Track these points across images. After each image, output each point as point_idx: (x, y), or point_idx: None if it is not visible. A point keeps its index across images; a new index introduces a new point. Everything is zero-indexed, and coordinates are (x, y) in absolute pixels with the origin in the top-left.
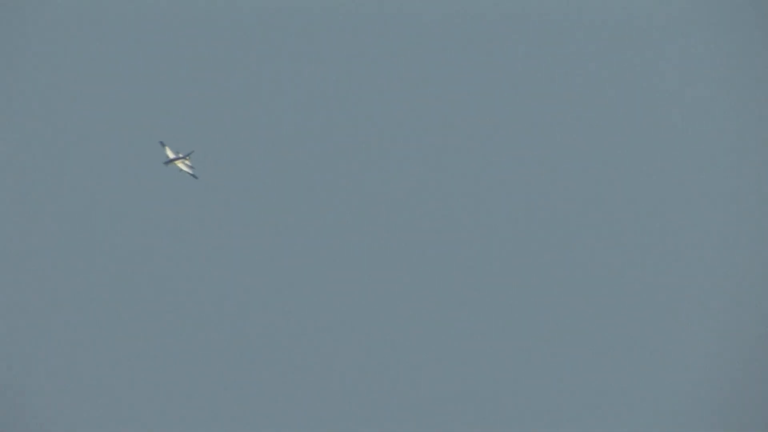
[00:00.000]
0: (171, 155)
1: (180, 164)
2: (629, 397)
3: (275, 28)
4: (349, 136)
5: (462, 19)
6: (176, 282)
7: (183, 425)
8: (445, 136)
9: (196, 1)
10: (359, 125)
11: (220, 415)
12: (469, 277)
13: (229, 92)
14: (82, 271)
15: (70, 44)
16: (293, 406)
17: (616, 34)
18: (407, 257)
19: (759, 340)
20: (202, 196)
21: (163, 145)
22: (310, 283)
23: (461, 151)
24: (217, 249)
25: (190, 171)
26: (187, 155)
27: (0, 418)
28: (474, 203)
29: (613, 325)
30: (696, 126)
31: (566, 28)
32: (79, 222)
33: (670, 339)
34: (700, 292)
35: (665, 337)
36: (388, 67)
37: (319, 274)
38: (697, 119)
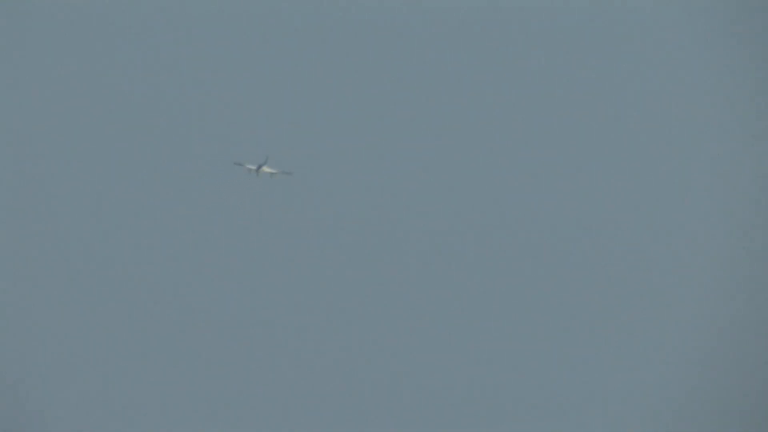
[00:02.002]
0: (253, 167)
1: (266, 169)
2: (626, 397)
3: (279, 27)
4: (352, 136)
5: (462, 18)
6: (179, 282)
7: (187, 425)
8: (447, 137)
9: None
10: (362, 124)
11: (221, 415)
12: (468, 277)
13: (234, 91)
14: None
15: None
16: (294, 407)
17: (615, 34)
18: (406, 258)
19: (756, 340)
20: (197, 195)
21: (240, 164)
22: (314, 284)
23: (462, 151)
24: (212, 247)
25: (280, 171)
26: (265, 162)
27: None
28: (474, 203)
29: (611, 324)
30: (695, 126)
31: (566, 28)
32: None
33: (668, 339)
34: (699, 293)
35: (664, 338)
36: (389, 67)
37: (319, 273)
38: (696, 119)
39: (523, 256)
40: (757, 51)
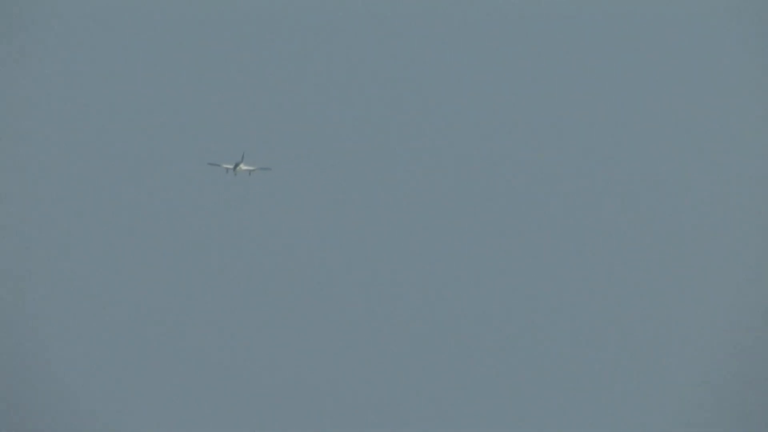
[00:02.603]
0: (229, 166)
1: (243, 167)
2: (628, 400)
3: (279, 26)
4: (350, 137)
5: (462, 18)
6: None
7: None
8: (445, 138)
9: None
10: (360, 125)
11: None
12: (466, 278)
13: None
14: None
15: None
16: (296, 407)
17: (615, 34)
18: (403, 259)
19: (758, 341)
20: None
21: (215, 164)
22: (312, 282)
23: (460, 152)
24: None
25: (258, 167)
26: (242, 160)
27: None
28: (474, 204)
29: (611, 326)
30: (695, 126)
31: (566, 28)
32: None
33: (668, 341)
34: (699, 294)
35: (663, 340)
36: (388, 67)
37: (317, 272)
38: (697, 119)
39: (523, 256)
40: (757, 51)
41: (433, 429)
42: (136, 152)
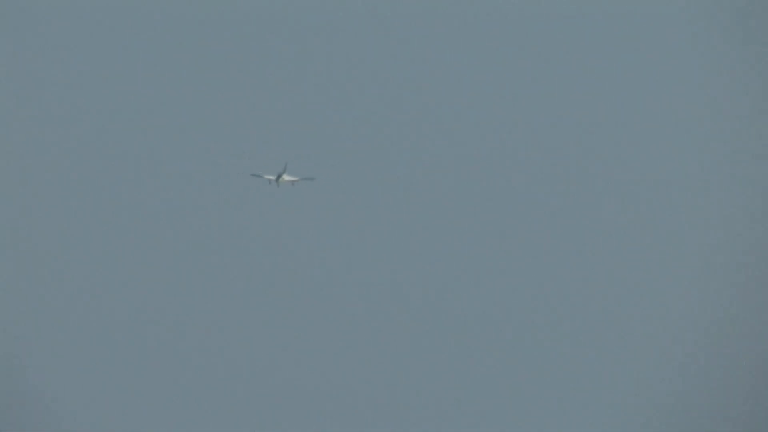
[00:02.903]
0: (272, 177)
1: (286, 178)
2: (628, 399)
3: (279, 26)
4: (350, 137)
5: (461, 17)
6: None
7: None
8: (443, 137)
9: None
10: (360, 125)
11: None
12: (462, 278)
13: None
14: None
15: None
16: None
17: (615, 34)
18: (402, 259)
19: (756, 342)
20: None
21: (258, 175)
22: (310, 282)
23: (458, 151)
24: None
25: (301, 177)
26: (285, 170)
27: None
28: (473, 204)
29: (611, 325)
30: (695, 126)
31: (566, 28)
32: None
33: (666, 342)
34: (698, 296)
35: (661, 340)
36: (387, 66)
37: (316, 272)
38: (696, 119)
39: (523, 256)
40: (757, 51)
41: (433, 429)
42: (179, 164)
